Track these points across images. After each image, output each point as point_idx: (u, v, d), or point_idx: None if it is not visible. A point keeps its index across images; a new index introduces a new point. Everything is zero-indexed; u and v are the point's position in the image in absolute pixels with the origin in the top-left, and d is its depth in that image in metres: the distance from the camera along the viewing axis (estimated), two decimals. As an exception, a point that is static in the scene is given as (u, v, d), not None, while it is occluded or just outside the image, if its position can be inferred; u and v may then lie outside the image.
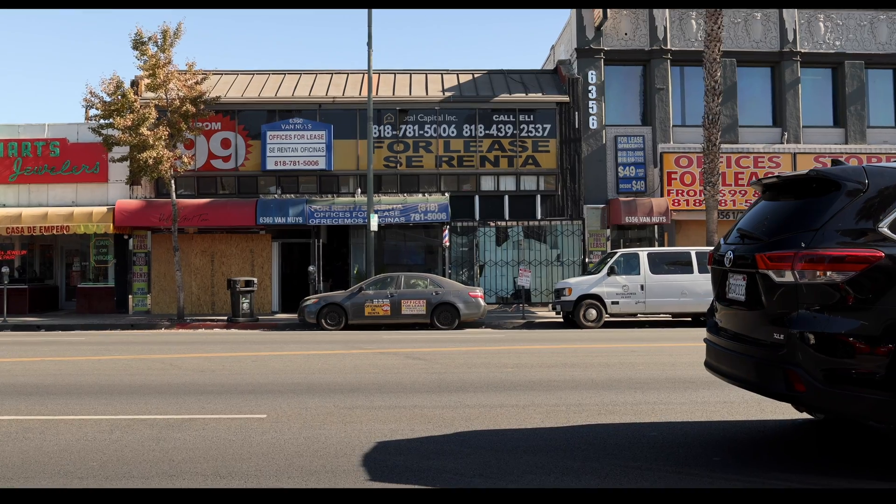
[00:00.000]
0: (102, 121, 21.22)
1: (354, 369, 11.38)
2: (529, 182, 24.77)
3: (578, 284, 19.72)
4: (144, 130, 20.62)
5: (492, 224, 24.54)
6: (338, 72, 26.82)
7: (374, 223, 21.63)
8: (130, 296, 24.05)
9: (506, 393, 9.08)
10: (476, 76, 26.52)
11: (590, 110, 24.97)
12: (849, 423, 6.98)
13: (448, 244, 23.59)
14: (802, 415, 7.56)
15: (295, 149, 23.65)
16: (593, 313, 19.33)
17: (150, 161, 20.70)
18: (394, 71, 26.92)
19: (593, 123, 24.93)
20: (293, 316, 21.76)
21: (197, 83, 22.09)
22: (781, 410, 7.84)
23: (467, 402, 8.44)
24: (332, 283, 24.93)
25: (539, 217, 24.63)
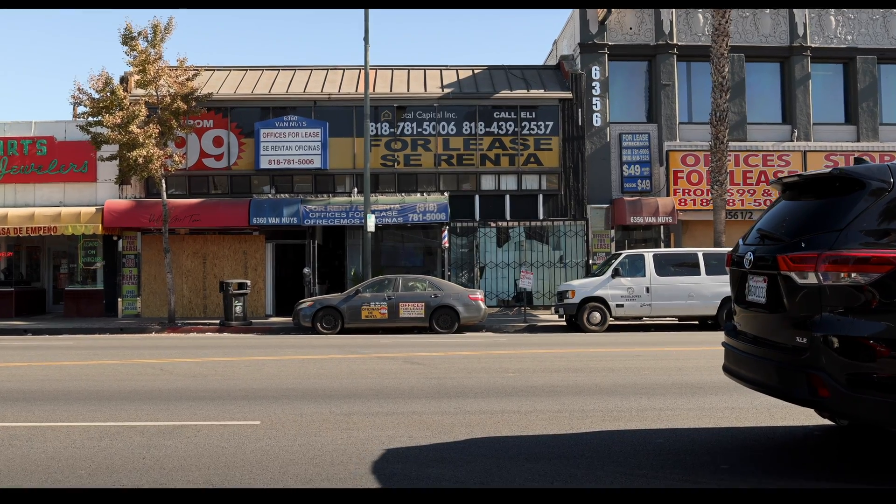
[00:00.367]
0: (91, 118, 21.21)
1: (351, 374, 11.38)
2: (531, 181, 24.79)
3: (582, 287, 19.72)
4: (134, 128, 20.62)
5: (492, 224, 24.54)
6: (333, 67, 26.83)
7: (371, 224, 21.63)
8: (120, 299, 24.04)
9: (507, 399, 9.08)
10: (476, 72, 26.53)
11: (593, 107, 24.98)
12: (868, 430, 6.98)
13: (447, 245, 23.59)
14: (813, 422, 7.56)
15: (289, 147, 23.66)
16: (597, 316, 19.33)
17: (140, 160, 20.70)
18: (391, 67, 26.93)
19: (597, 121, 24.94)
20: (288, 319, 21.76)
21: (188, 79, 22.09)
22: (792, 417, 7.85)
23: (467, 409, 8.44)
24: (328, 286, 24.92)
25: (541, 217, 24.64)
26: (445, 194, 23.96)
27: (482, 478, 5.70)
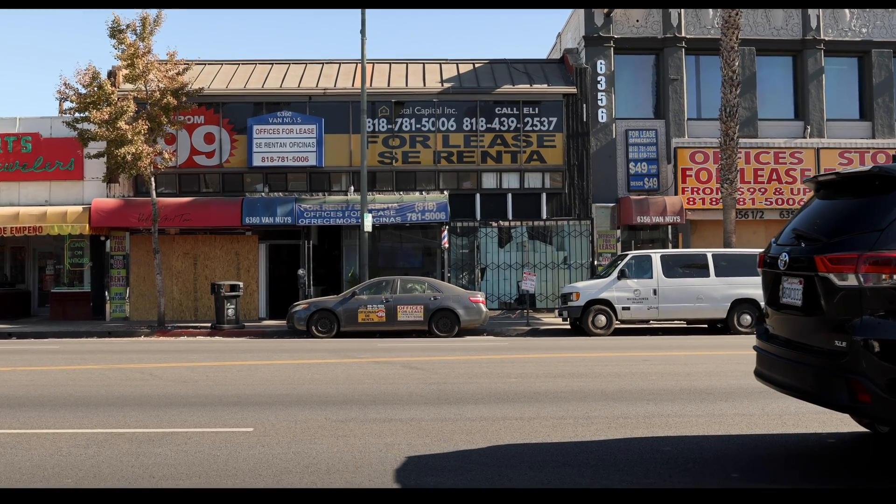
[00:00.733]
0: (77, 114, 21.22)
1: (347, 379, 11.38)
2: (534, 179, 24.80)
3: (587, 289, 19.73)
4: (122, 124, 20.63)
5: (494, 224, 24.55)
6: (329, 61, 26.85)
7: (368, 223, 21.64)
8: (107, 301, 24.05)
9: (509, 405, 9.09)
10: (477, 66, 26.55)
11: (599, 102, 25.00)
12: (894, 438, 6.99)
13: (447, 246, 23.59)
14: (827, 429, 7.58)
15: (283, 144, 23.67)
16: (603, 320, 19.35)
17: (129, 157, 20.71)
18: (389, 60, 26.95)
19: (602, 116, 24.96)
20: (281, 322, 21.77)
21: (178, 74, 22.10)
22: (804, 424, 7.86)
23: (468, 415, 8.45)
24: (324, 288, 24.93)
25: (544, 217, 24.65)
26: (445, 193, 23.97)
27: (483, 486, 5.69)
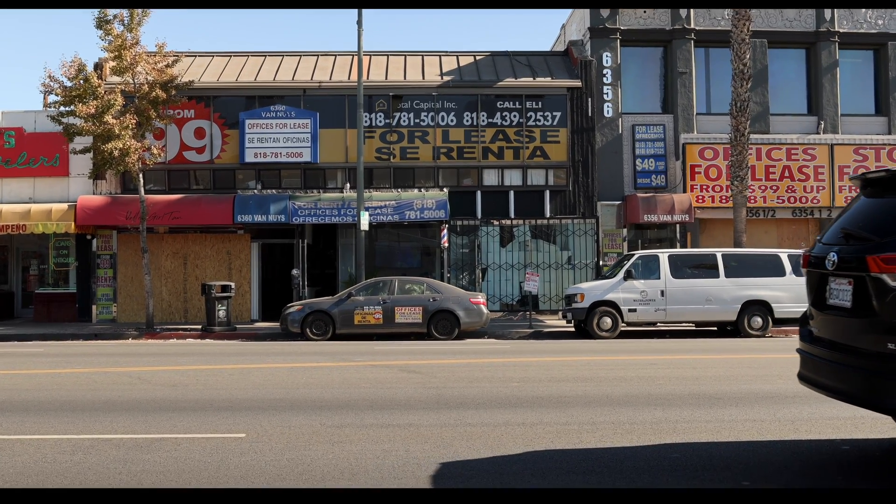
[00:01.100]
0: (63, 108, 21.20)
1: (343, 384, 11.40)
2: (537, 176, 24.81)
3: (591, 290, 19.74)
4: (109, 118, 20.62)
5: (495, 223, 24.56)
6: (324, 53, 26.85)
7: (365, 222, 21.65)
8: (94, 303, 24.04)
9: (511, 410, 9.10)
10: (478, 58, 26.56)
11: (604, 96, 25.01)
12: None
13: (447, 245, 23.59)
14: (841, 435, 7.58)
15: (276, 139, 23.67)
16: (608, 322, 19.35)
17: (116, 152, 20.70)
18: (386, 52, 26.95)
19: (608, 111, 24.97)
20: (275, 324, 21.78)
21: (168, 66, 22.09)
22: (818, 430, 7.86)
23: (468, 420, 8.45)
24: (318, 289, 24.93)
25: (548, 215, 24.66)
26: (445, 190, 23.98)
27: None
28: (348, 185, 23.99)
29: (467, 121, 24.60)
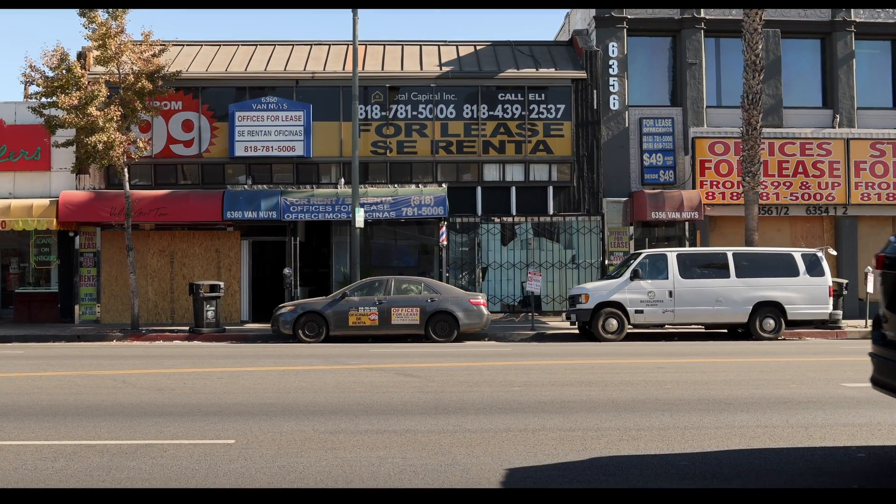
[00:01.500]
0: (44, 99, 21.16)
1: (337, 388, 11.40)
2: (540, 171, 24.80)
3: (596, 290, 19.75)
4: (93, 110, 20.60)
5: (496, 220, 24.56)
6: (318, 43, 26.84)
7: (360, 219, 21.65)
8: (77, 302, 24.02)
9: (512, 415, 9.10)
10: (478, 48, 26.55)
11: (610, 88, 25.00)
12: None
13: (445, 243, 23.59)
14: (856, 442, 7.59)
15: (268, 132, 23.65)
16: (614, 324, 19.36)
17: (100, 146, 20.68)
18: (383, 42, 26.93)
19: (614, 104, 24.96)
20: (266, 326, 21.77)
21: (154, 55, 22.07)
22: (832, 437, 7.87)
23: (468, 426, 8.46)
24: (311, 289, 24.93)
25: (551, 212, 24.66)
26: (444, 186, 23.98)
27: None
28: (343, 181, 23.99)
29: (467, 113, 24.59)
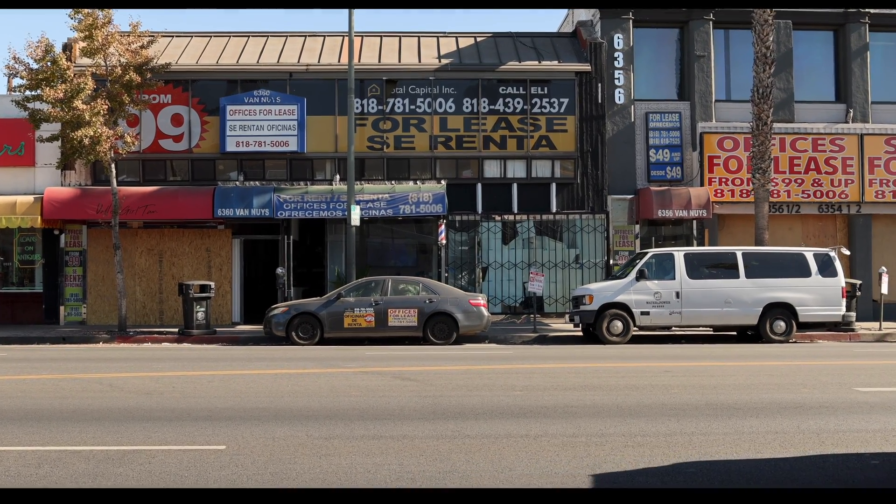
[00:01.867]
0: (28, 92, 21.13)
1: (331, 392, 11.40)
2: (543, 167, 24.80)
3: (601, 291, 19.74)
4: (79, 104, 20.58)
5: (497, 218, 24.55)
6: (312, 34, 26.82)
7: (356, 216, 21.64)
8: (62, 303, 23.99)
9: (514, 421, 9.11)
10: (479, 40, 26.54)
11: (616, 82, 25.00)
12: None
13: (444, 242, 23.58)
14: (871, 448, 7.59)
15: (260, 126, 23.65)
16: (619, 326, 19.35)
17: (86, 140, 20.66)
18: (380, 33, 26.91)
19: (620, 97, 24.96)
20: (258, 327, 21.76)
21: (142, 47, 22.05)
22: (846, 443, 7.87)
23: (467, 432, 8.46)
24: (305, 289, 24.93)
25: (554, 210, 24.66)
26: (443, 182, 23.97)
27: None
28: (338, 177, 23.98)
29: (467, 107, 24.58)
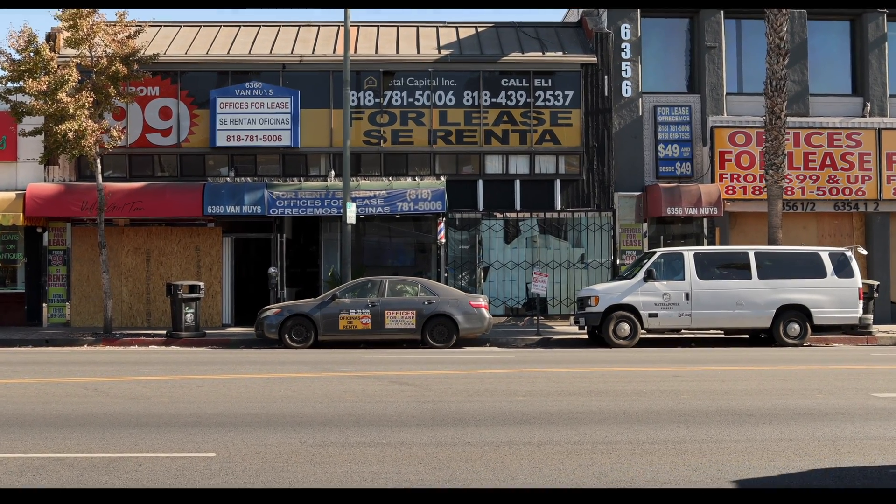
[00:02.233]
0: (10, 84, 21.16)
1: (326, 397, 11.41)
2: (546, 163, 24.80)
3: (607, 292, 19.75)
4: (63, 96, 20.58)
5: (499, 216, 24.55)
6: (306, 24, 26.80)
7: (352, 214, 21.63)
8: (45, 304, 24.00)
9: (516, 427, 9.11)
10: (480, 30, 26.53)
11: (623, 74, 24.99)
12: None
13: (444, 241, 23.58)
14: (888, 459, 7.59)
15: (252, 120, 23.64)
16: (626, 328, 19.36)
17: (71, 134, 20.66)
18: (377, 23, 26.92)
19: (627, 90, 24.96)
20: (249, 330, 21.78)
21: (129, 37, 22.04)
22: (862, 452, 7.88)
23: (468, 439, 8.47)
24: (299, 290, 24.93)
25: (558, 207, 24.66)
26: (442, 179, 23.98)
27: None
28: (333, 173, 23.98)
29: (468, 101, 24.58)
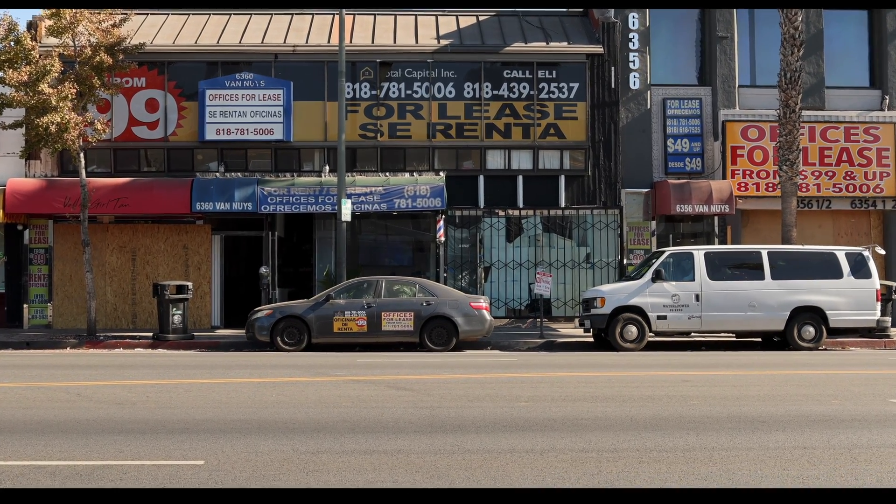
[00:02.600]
0: (-10, 74, 21.20)
1: (320, 402, 11.40)
2: (551, 158, 24.80)
3: (614, 293, 19.75)
4: (45, 87, 20.58)
5: (501, 213, 24.56)
6: (300, 12, 26.79)
7: (347, 211, 21.63)
8: (26, 305, 24.01)
9: (518, 434, 9.11)
10: (481, 19, 26.54)
11: (630, 65, 24.99)
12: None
13: (443, 239, 23.58)
14: (906, 465, 7.59)
15: (243, 113, 23.64)
16: (633, 331, 19.36)
17: (53, 127, 20.66)
18: (373, 11, 26.90)
19: (635, 82, 24.96)
20: (240, 332, 21.78)
21: (114, 25, 22.04)
22: (879, 460, 7.88)
23: (468, 446, 8.47)
24: (291, 290, 24.94)
25: (563, 204, 24.66)
26: (441, 174, 23.98)
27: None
28: (327, 168, 23.97)
29: (468, 93, 24.58)
